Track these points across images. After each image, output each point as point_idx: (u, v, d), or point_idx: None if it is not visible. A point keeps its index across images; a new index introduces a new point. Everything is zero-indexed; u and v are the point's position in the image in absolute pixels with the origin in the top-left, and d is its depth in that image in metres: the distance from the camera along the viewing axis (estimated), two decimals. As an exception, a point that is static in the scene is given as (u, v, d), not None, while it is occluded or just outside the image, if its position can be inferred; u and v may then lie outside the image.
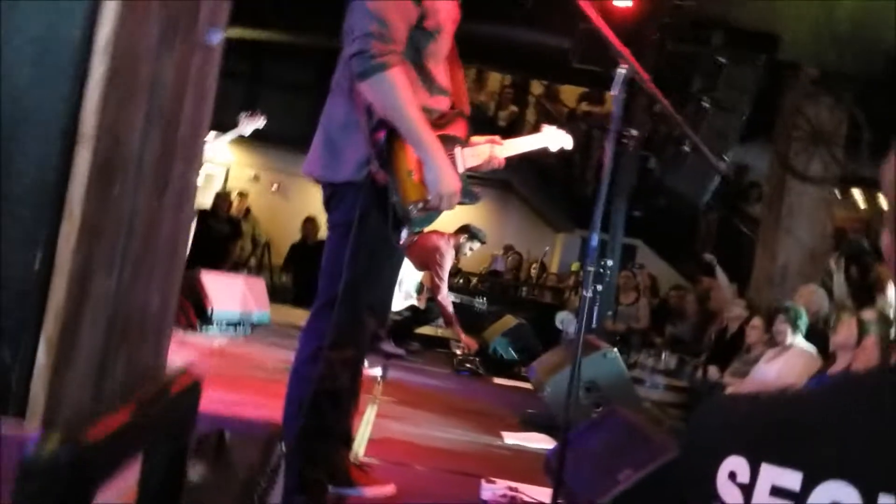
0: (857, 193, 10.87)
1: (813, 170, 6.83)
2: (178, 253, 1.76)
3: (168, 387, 0.65)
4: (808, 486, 0.65)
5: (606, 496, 2.31)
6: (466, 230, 6.68)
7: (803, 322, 4.95)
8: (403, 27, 2.26)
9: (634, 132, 7.72)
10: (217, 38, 1.67)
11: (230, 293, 5.94)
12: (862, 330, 4.56)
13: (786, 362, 4.86)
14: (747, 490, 0.68)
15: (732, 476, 0.70)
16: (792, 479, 0.66)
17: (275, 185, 11.84)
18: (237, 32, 7.94)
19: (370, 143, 2.30)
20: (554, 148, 3.05)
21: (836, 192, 7.01)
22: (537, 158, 9.84)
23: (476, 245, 6.90)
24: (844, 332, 4.38)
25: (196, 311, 5.64)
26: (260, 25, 8.28)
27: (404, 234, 2.49)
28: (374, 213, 2.33)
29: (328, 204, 2.46)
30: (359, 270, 2.36)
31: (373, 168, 2.29)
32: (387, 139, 2.30)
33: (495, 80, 11.58)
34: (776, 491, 0.67)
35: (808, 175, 6.84)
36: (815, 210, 6.91)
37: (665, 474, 2.21)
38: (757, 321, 5.53)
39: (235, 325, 5.91)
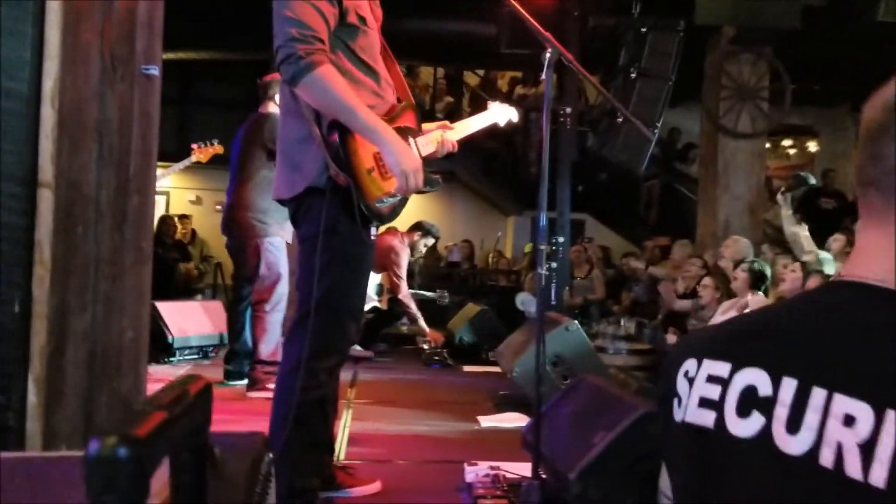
0: (786, 143, 11.26)
1: (742, 125, 7.07)
2: (144, 284, 1.80)
3: (187, 388, 0.71)
4: (733, 372, 0.83)
5: (584, 460, 2.40)
6: (420, 227, 6.74)
7: (760, 275, 4.96)
8: (324, 27, 2.26)
9: (569, 109, 7.79)
10: (155, 70, 1.71)
11: (189, 319, 5.92)
12: (806, 272, 4.69)
13: (739, 311, 5.00)
14: (692, 381, 0.88)
15: (686, 374, 0.89)
16: (722, 368, 0.84)
17: (218, 206, 11.72)
18: (164, 56, 7.86)
19: (326, 148, 2.30)
20: (502, 122, 3.12)
21: (768, 144, 7.25)
22: (479, 146, 9.93)
23: (430, 241, 6.96)
24: (790, 279, 4.49)
25: (158, 344, 5.61)
26: (187, 47, 8.20)
27: (373, 230, 2.52)
28: (342, 217, 2.34)
29: (295, 219, 2.46)
30: (335, 276, 2.36)
31: (332, 171, 2.29)
32: (341, 140, 2.29)
33: (427, 73, 11.65)
34: (710, 378, 0.86)
35: (738, 131, 7.07)
36: (749, 164, 7.14)
37: (638, 430, 2.31)
38: (708, 280, 5.65)
39: (199, 350, 5.89)
